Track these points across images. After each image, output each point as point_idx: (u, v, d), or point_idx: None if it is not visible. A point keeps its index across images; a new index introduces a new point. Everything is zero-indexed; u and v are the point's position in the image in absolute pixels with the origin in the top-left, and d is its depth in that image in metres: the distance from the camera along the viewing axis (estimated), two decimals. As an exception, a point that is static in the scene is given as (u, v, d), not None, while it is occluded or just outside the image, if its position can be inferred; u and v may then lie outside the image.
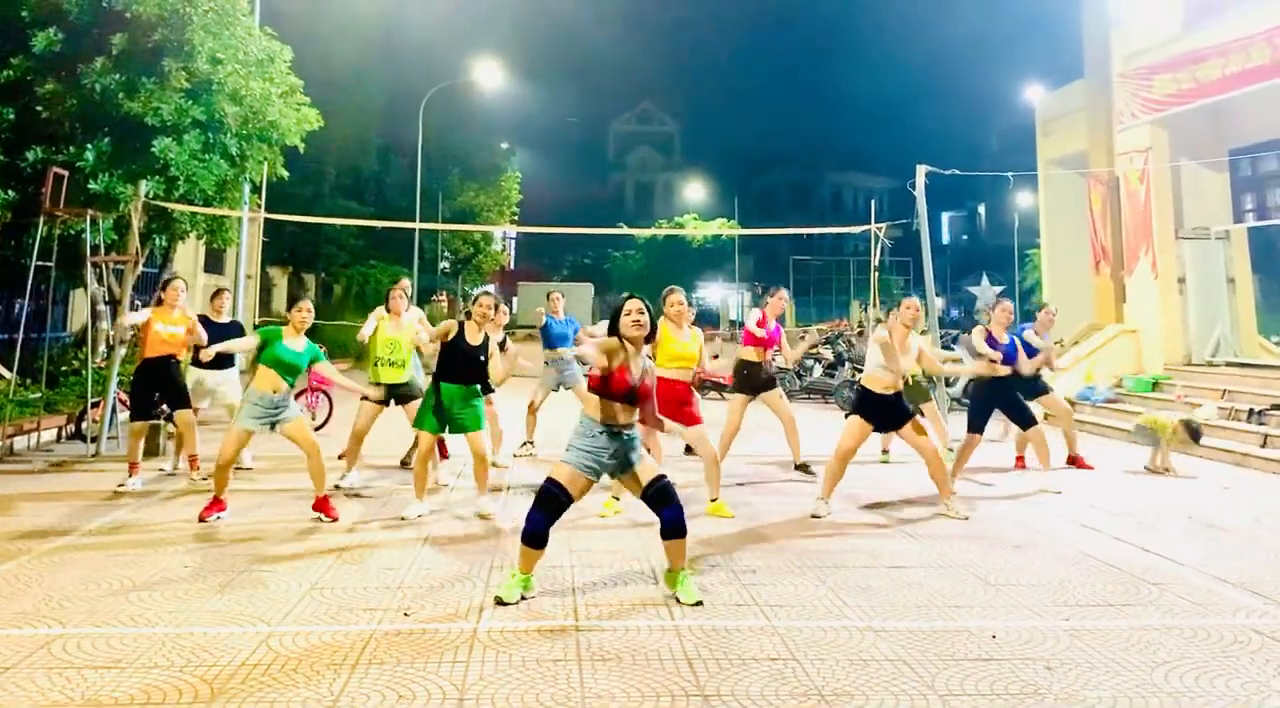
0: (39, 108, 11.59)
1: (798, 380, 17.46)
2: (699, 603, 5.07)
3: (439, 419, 7.20)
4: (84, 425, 10.93)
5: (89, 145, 11.62)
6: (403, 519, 7.11)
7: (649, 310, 5.26)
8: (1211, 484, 9.33)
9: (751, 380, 9.01)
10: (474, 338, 7.28)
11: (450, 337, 7.23)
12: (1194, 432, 9.62)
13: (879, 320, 10.81)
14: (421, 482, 7.35)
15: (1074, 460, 10.11)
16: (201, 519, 7.00)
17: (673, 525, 5.13)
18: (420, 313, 9.12)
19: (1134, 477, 9.71)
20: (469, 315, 7.37)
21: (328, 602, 5.07)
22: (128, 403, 11.39)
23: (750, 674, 4.12)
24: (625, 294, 5.32)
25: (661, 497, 5.15)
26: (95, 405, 10.76)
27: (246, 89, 12.59)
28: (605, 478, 5.33)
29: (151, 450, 9.98)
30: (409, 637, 4.53)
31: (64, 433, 11.43)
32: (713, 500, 7.55)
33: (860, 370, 10.12)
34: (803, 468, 9.10)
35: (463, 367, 7.24)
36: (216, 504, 7.14)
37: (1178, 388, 13.52)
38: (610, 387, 5.11)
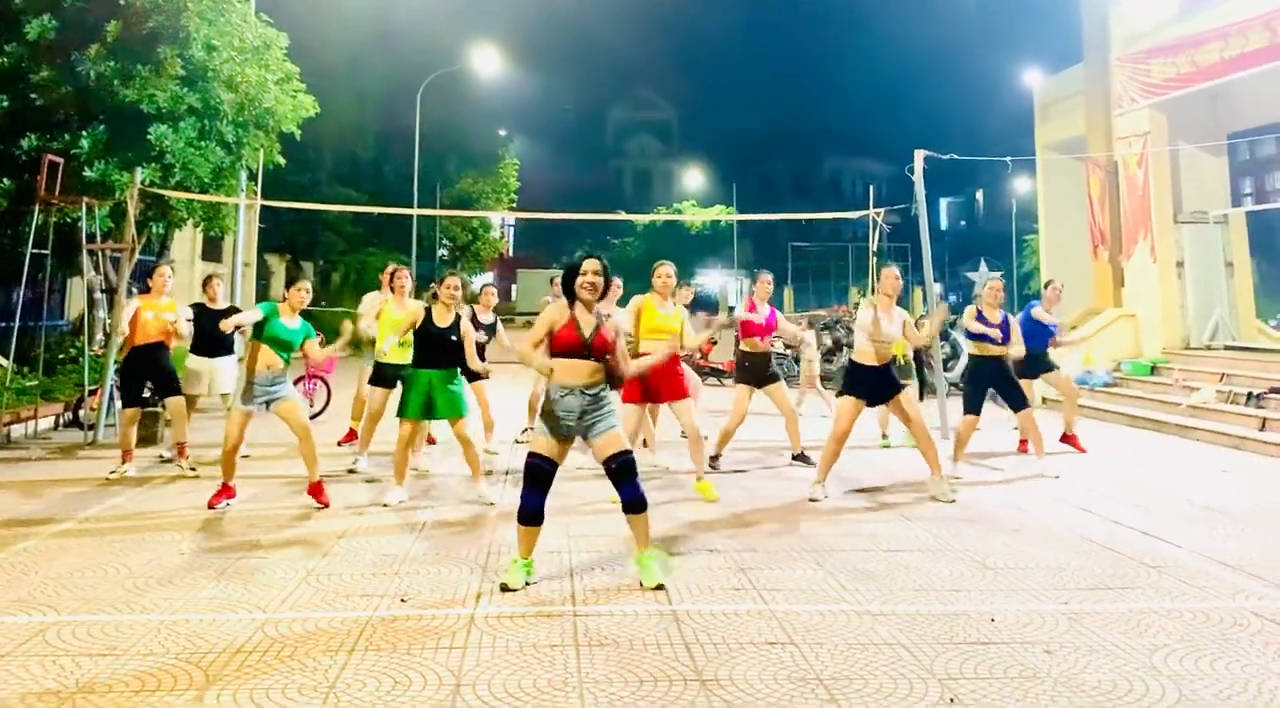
0: (34, 95, 11.55)
1: (795, 367, 17.39)
2: (660, 586, 5.07)
3: (420, 406, 7.21)
4: (81, 413, 10.91)
5: (84, 133, 11.58)
6: (385, 506, 7.10)
7: (605, 272, 5.26)
8: (1210, 467, 9.33)
9: (754, 371, 8.92)
10: (442, 320, 7.29)
11: (419, 322, 7.29)
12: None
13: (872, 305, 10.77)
14: (401, 468, 7.34)
15: (1068, 439, 10.07)
16: (210, 506, 6.97)
17: (630, 502, 5.16)
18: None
19: (1133, 460, 9.71)
20: (435, 298, 7.41)
21: (324, 588, 5.05)
22: (123, 390, 11.42)
23: (748, 658, 4.11)
24: (581, 254, 5.30)
25: (622, 472, 5.16)
26: (93, 393, 10.74)
27: (242, 76, 12.55)
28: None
29: (149, 438, 9.96)
30: (406, 623, 4.51)
31: (61, 421, 11.42)
32: (698, 479, 7.56)
33: None
34: (801, 458, 9.06)
35: (436, 351, 7.25)
36: (225, 491, 7.11)
37: (1176, 371, 13.51)
38: (560, 345, 5.12)
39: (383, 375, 8.68)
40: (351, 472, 8.40)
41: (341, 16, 30.50)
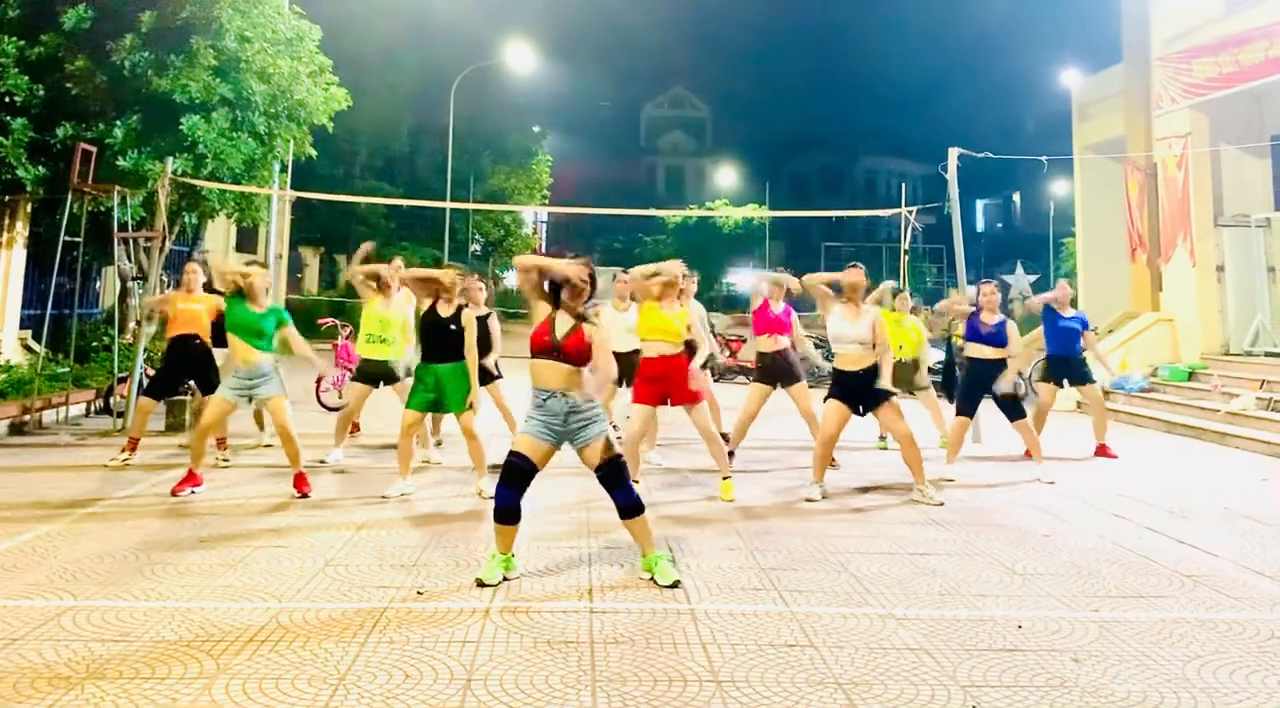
0: (69, 85, 11.63)
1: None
2: (676, 583, 5.00)
3: (426, 400, 7.18)
4: (112, 400, 11.00)
5: (118, 122, 11.65)
6: (384, 497, 7.07)
7: (592, 279, 5.15)
8: (1249, 475, 9.11)
9: (770, 371, 8.82)
10: (445, 310, 7.23)
11: (422, 311, 7.30)
12: None
13: (913, 309, 10.62)
14: (405, 460, 7.29)
15: (1101, 450, 9.90)
16: (173, 494, 6.95)
17: (623, 507, 5.09)
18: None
19: (1169, 467, 9.50)
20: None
21: (341, 579, 5.01)
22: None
23: (766, 660, 4.02)
24: (571, 255, 5.23)
25: (611, 478, 5.07)
26: (123, 381, 10.81)
27: (274, 68, 12.58)
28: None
29: (177, 427, 10.02)
30: (421, 615, 4.46)
31: (92, 408, 11.51)
32: (724, 478, 7.45)
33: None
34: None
35: (441, 343, 7.18)
36: (190, 478, 7.08)
37: (1215, 377, 13.25)
38: (532, 345, 5.07)
39: (363, 372, 8.57)
40: (321, 462, 8.28)
41: (375, 10, 30.65)
